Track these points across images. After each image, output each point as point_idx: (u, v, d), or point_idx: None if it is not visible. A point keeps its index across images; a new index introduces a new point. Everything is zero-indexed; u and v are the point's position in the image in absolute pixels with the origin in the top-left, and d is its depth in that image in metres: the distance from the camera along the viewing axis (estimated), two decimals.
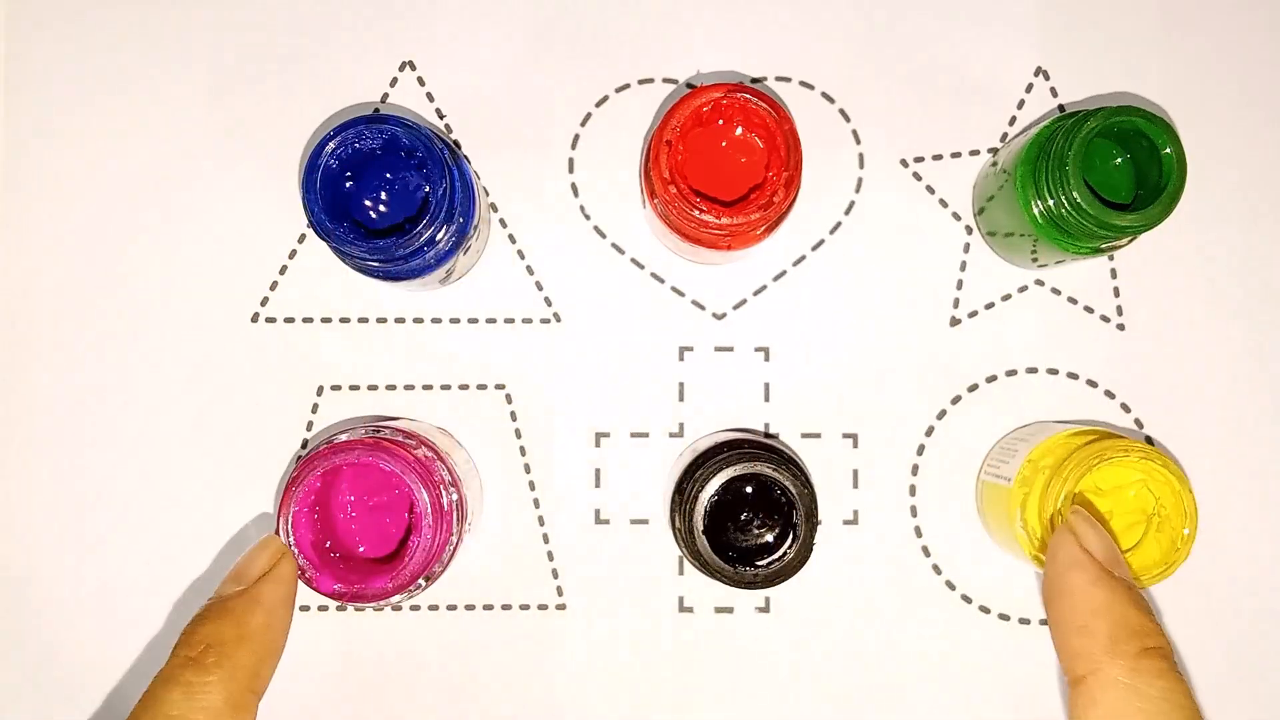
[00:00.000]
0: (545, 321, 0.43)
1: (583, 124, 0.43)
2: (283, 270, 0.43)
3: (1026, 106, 0.44)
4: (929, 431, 0.43)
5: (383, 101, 0.43)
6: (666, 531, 0.41)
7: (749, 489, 0.38)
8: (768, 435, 0.43)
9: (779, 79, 0.44)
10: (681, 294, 0.44)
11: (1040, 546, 0.38)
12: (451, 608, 0.43)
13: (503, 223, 0.43)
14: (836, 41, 0.44)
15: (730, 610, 0.43)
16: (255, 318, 0.43)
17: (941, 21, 0.44)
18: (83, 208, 0.43)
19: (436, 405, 0.43)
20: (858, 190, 0.44)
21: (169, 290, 0.43)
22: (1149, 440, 0.43)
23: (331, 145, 0.36)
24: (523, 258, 0.43)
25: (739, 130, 0.38)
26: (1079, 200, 0.36)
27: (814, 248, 0.44)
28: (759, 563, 0.37)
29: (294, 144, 0.43)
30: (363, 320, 0.43)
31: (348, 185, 0.38)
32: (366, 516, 0.39)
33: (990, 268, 0.43)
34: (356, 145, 0.36)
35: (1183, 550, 0.37)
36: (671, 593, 0.43)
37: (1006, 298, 0.43)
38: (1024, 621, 0.43)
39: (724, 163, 0.38)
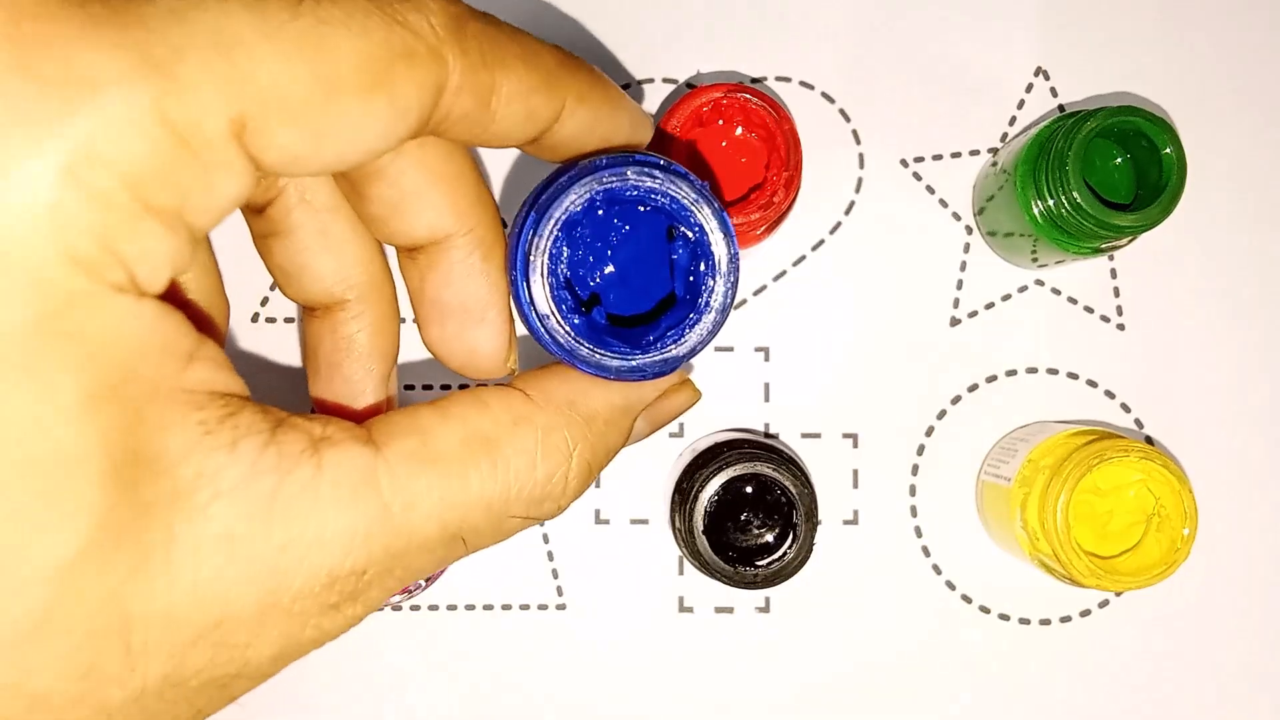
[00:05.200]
0: None
1: None
2: None
3: (1026, 106, 0.44)
4: (929, 431, 0.43)
5: None
6: (666, 531, 0.41)
7: (749, 489, 0.38)
8: (768, 435, 0.43)
9: (779, 79, 0.44)
10: None
11: (1040, 547, 0.38)
12: (451, 608, 0.43)
13: (504, 223, 0.43)
14: (836, 41, 0.44)
15: (730, 610, 0.43)
16: (255, 318, 0.43)
17: (941, 21, 0.44)
18: None
19: None
20: (858, 190, 0.44)
21: None
22: (1149, 440, 0.43)
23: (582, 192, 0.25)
24: None
25: (739, 130, 0.38)
26: (1079, 200, 0.36)
27: (814, 248, 0.44)
28: (759, 563, 0.37)
29: None
30: None
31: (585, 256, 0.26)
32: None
33: (990, 268, 0.43)
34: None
35: (1183, 550, 0.37)
36: (671, 593, 0.43)
37: (1006, 298, 0.43)
38: (1024, 621, 0.43)
39: (724, 163, 0.38)
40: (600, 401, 0.26)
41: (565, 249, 0.25)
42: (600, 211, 0.25)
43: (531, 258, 0.25)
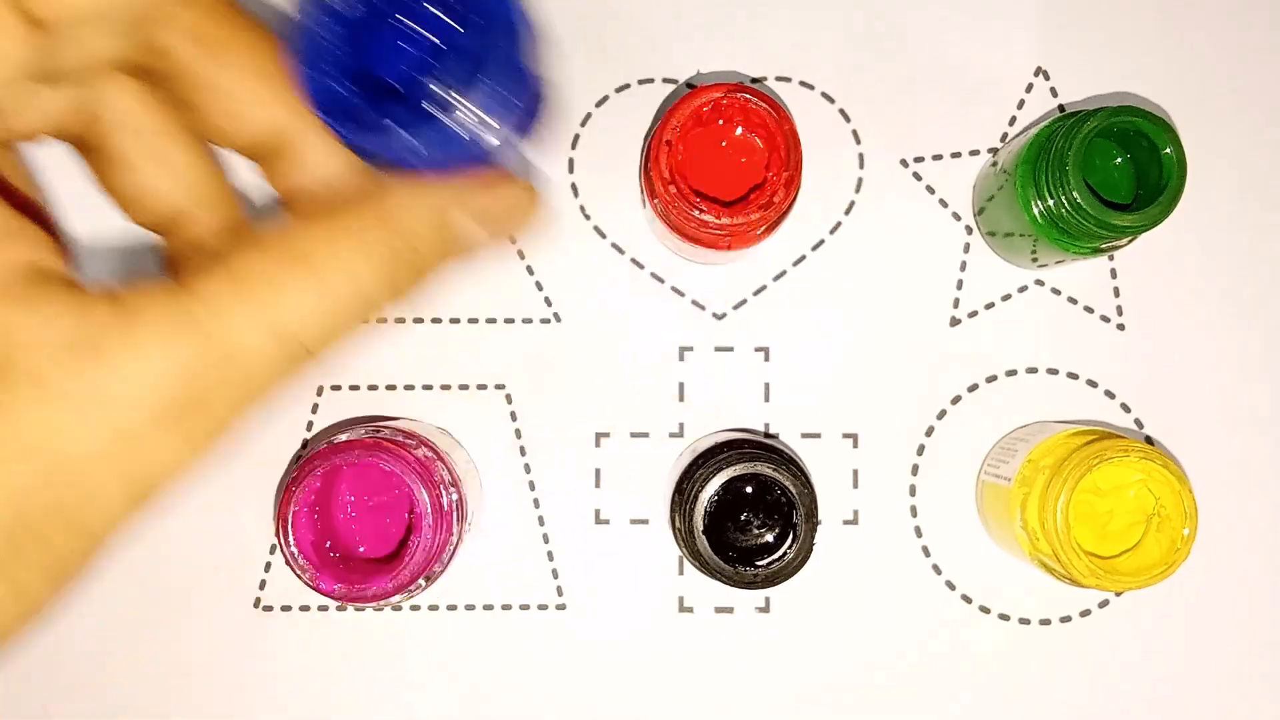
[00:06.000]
0: (545, 321, 0.43)
1: (582, 124, 0.43)
2: None
3: (1026, 106, 0.44)
4: (929, 431, 0.43)
5: None
6: (666, 531, 0.41)
7: (749, 489, 0.38)
8: (768, 435, 0.43)
9: (779, 79, 0.44)
10: (681, 294, 0.44)
11: (1040, 547, 0.38)
12: (451, 608, 0.43)
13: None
14: (836, 41, 0.44)
15: (730, 610, 0.43)
16: None
17: (941, 21, 0.44)
18: (81, 207, 0.43)
19: (436, 405, 0.43)
20: (858, 190, 0.44)
21: None
22: (1149, 440, 0.43)
23: None
24: (523, 258, 0.43)
25: (739, 130, 0.38)
26: (1079, 200, 0.36)
27: (814, 248, 0.44)
28: (759, 563, 0.37)
29: None
30: None
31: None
32: (367, 516, 0.39)
33: (990, 268, 0.43)
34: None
35: (1183, 550, 0.37)
36: (671, 593, 0.43)
37: (1006, 298, 0.44)
38: (1024, 621, 0.43)
39: (724, 163, 0.38)
40: (404, 196, 0.27)
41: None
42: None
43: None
